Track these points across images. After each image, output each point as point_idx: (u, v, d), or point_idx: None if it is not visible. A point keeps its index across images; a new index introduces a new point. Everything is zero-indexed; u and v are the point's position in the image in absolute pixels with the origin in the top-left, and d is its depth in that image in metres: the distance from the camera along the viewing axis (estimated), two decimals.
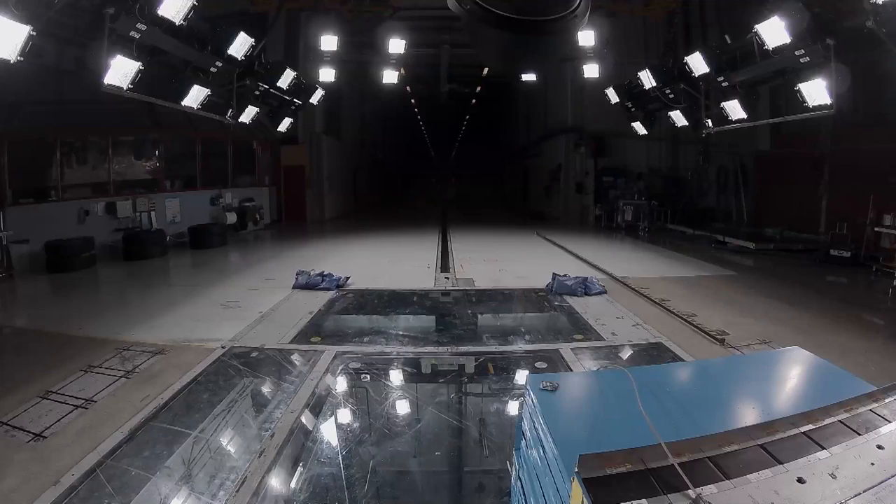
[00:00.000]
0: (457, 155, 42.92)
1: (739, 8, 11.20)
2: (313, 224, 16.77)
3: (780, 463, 1.22)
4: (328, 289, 7.45)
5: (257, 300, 6.98)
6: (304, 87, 11.73)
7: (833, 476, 1.16)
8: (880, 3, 5.63)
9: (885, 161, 9.32)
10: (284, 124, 12.00)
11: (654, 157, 17.08)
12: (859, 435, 1.31)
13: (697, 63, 9.19)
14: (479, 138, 37.83)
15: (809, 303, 6.86)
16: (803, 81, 7.27)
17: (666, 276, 8.59)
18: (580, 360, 4.76)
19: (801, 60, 7.21)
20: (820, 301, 7.02)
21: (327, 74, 12.16)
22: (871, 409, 1.42)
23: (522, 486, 1.87)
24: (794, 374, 1.90)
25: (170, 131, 12.56)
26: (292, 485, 3.03)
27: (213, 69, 8.43)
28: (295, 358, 4.92)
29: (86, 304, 7.21)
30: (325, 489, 2.94)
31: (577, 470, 1.17)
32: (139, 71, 6.63)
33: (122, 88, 6.61)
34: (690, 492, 1.11)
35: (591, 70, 12.05)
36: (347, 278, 7.93)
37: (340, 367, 4.73)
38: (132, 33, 6.46)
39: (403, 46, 12.27)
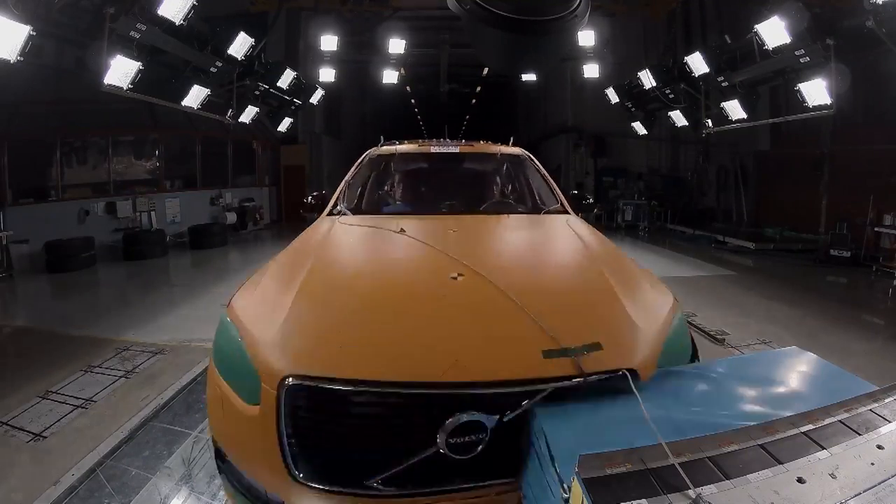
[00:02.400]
0: None
1: (739, 8, 11.21)
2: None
3: (780, 463, 1.21)
4: None
5: None
6: (304, 87, 11.75)
7: (833, 476, 1.16)
8: (880, 3, 5.65)
9: (885, 161, 9.33)
10: (284, 124, 12.03)
11: (654, 157, 17.08)
12: (859, 435, 1.31)
13: (697, 63, 9.19)
14: (479, 138, 37.86)
15: (809, 303, 6.86)
16: (803, 81, 7.28)
17: (666, 276, 8.58)
18: None
19: (801, 60, 7.23)
20: (820, 301, 7.03)
21: (327, 74, 12.18)
22: (871, 409, 1.42)
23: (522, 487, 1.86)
24: (794, 374, 1.89)
25: (170, 131, 12.56)
26: None
27: (213, 69, 8.44)
28: None
29: (86, 304, 7.21)
30: None
31: (577, 470, 1.17)
32: (139, 71, 6.65)
33: (122, 88, 6.63)
34: (690, 492, 1.11)
35: (591, 70, 12.07)
36: None
37: None
38: (132, 33, 6.48)
39: (403, 46, 12.28)
